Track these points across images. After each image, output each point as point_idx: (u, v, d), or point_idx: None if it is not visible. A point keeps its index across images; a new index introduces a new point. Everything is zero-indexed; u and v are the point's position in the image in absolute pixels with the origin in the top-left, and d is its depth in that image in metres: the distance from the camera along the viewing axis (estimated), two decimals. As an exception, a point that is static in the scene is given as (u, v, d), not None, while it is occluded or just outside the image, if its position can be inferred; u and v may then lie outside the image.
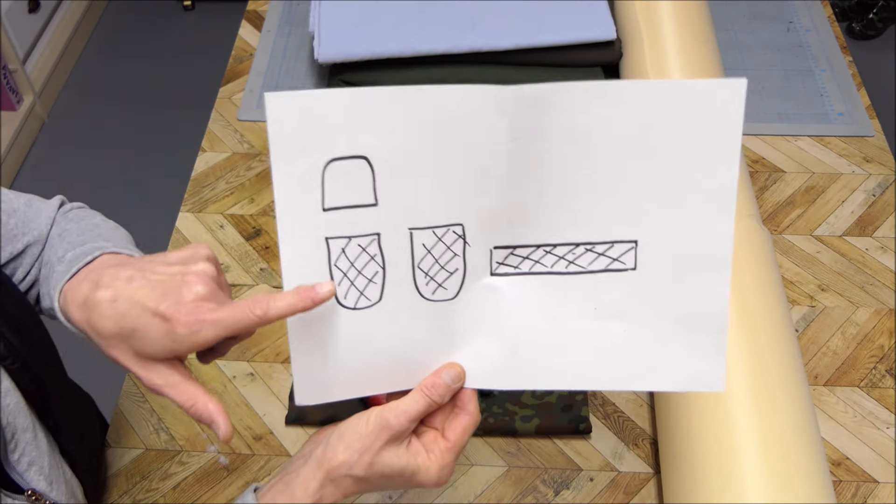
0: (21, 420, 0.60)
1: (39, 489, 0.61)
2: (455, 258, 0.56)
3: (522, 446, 0.81)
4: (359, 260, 0.56)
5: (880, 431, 0.82)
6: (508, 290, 0.57)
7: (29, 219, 0.67)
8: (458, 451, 0.57)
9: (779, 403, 0.70)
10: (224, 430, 0.54)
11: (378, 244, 0.56)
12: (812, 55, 1.18)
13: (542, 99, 0.53)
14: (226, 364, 0.88)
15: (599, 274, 0.56)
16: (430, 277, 0.57)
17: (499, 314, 0.58)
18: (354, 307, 0.56)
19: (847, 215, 1.00)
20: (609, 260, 0.56)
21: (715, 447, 0.69)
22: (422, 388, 0.56)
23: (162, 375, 0.54)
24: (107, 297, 0.54)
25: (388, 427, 0.55)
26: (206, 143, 1.09)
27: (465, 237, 0.56)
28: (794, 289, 0.93)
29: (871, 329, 0.89)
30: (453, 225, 0.56)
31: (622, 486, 0.78)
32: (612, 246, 0.56)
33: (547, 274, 0.57)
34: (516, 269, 0.57)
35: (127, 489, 0.80)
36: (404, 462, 0.55)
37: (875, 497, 0.78)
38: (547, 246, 0.56)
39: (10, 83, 2.22)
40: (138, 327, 0.53)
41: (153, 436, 0.83)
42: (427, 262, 0.56)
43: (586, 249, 0.56)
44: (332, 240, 0.55)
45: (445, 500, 0.78)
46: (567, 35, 1.06)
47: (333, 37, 1.08)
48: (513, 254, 0.57)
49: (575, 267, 0.56)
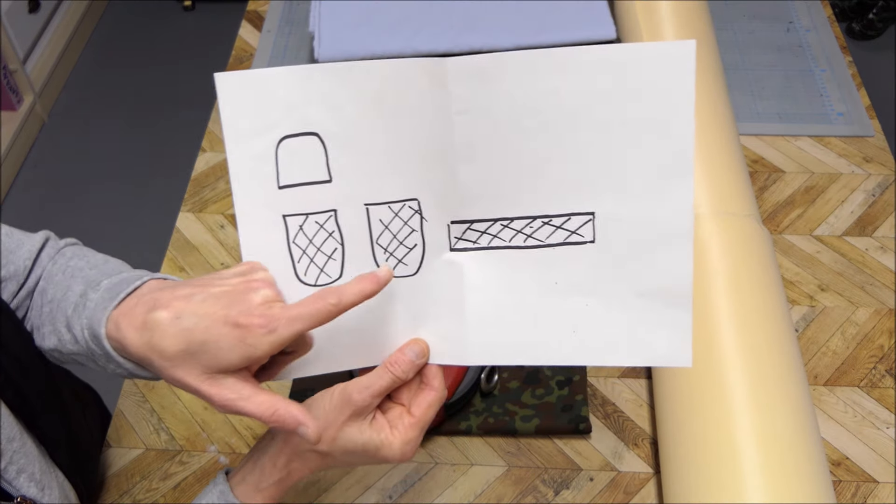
0: (7, 430, 0.60)
1: (30, 495, 0.61)
2: (413, 233, 0.57)
3: (522, 446, 0.81)
4: (317, 237, 0.56)
5: (880, 431, 0.82)
6: (469, 266, 0.57)
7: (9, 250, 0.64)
8: (422, 426, 0.57)
9: (779, 403, 0.70)
10: (314, 430, 0.52)
11: (335, 220, 0.56)
12: (812, 55, 1.18)
13: (484, 70, 0.52)
14: (226, 364, 0.88)
15: (558, 247, 0.56)
16: (389, 253, 0.57)
17: (461, 290, 0.57)
18: (315, 284, 0.56)
19: (847, 215, 1.00)
20: (567, 233, 0.55)
21: (715, 447, 0.69)
22: (386, 364, 0.56)
23: (234, 389, 0.51)
24: (169, 315, 0.51)
25: (350, 402, 0.55)
26: (206, 143, 1.09)
27: (421, 212, 0.56)
28: (794, 289, 0.93)
29: (871, 329, 0.89)
30: (408, 200, 0.56)
31: (622, 486, 0.78)
32: (569, 218, 0.55)
33: (506, 248, 0.56)
34: (475, 243, 0.57)
35: (127, 489, 0.80)
36: (367, 437, 0.55)
37: (875, 497, 0.78)
38: (504, 220, 0.56)
39: (10, 83, 2.22)
40: (208, 339, 0.50)
41: (153, 436, 0.83)
42: (385, 237, 0.57)
43: (543, 223, 0.55)
44: (289, 217, 0.55)
45: (445, 500, 0.78)
46: (567, 35, 1.06)
47: (333, 37, 1.08)
48: (470, 228, 0.56)
49: (533, 241, 0.56)
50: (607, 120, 0.53)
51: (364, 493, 0.79)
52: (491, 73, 0.52)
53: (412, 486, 0.79)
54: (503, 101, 0.53)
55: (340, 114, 0.54)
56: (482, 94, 0.53)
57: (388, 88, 0.54)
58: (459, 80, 0.53)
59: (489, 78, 0.53)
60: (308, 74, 0.54)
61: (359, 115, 0.54)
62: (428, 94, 0.54)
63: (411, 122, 0.54)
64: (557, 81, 0.52)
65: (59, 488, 0.65)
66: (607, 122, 0.53)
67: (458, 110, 0.54)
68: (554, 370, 0.85)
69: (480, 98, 0.53)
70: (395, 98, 0.54)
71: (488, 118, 0.54)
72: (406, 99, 0.54)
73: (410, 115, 0.54)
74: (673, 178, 0.53)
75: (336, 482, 0.79)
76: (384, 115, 0.54)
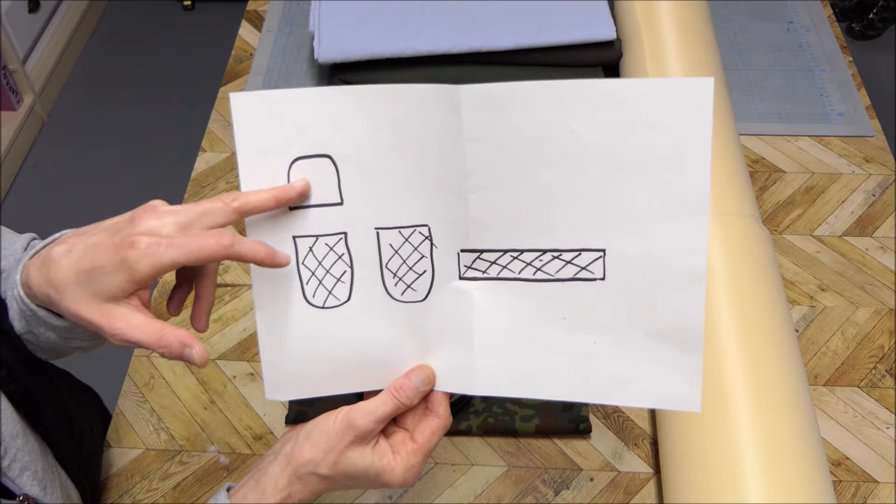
0: (9, 427, 0.60)
1: (32, 494, 0.61)
2: (423, 259, 0.56)
3: (522, 446, 0.81)
4: (326, 259, 0.56)
5: (880, 431, 0.82)
6: (478, 295, 0.57)
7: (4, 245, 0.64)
8: (426, 453, 0.56)
9: (779, 403, 0.70)
10: (199, 352, 0.51)
11: (345, 243, 0.56)
12: (812, 55, 1.18)
13: (498, 99, 0.52)
14: (226, 364, 0.88)
15: (568, 282, 0.55)
16: (398, 278, 0.57)
17: (469, 319, 0.57)
18: (323, 306, 0.56)
19: (847, 215, 1.00)
20: (577, 268, 0.55)
21: (715, 447, 0.69)
22: (390, 390, 0.56)
23: (124, 318, 0.51)
24: (62, 249, 0.52)
25: (353, 427, 0.55)
26: (206, 143, 1.09)
27: (431, 238, 0.56)
28: (794, 289, 0.93)
29: (871, 329, 0.89)
30: (419, 226, 0.56)
31: (622, 486, 0.78)
32: (580, 254, 0.54)
33: (515, 280, 0.56)
34: (484, 273, 0.56)
35: (127, 489, 0.80)
36: (369, 462, 0.55)
37: (875, 497, 0.78)
38: (514, 251, 0.55)
39: (10, 83, 2.22)
40: (94, 265, 0.51)
41: (153, 436, 0.83)
42: (395, 262, 0.56)
43: (553, 257, 0.55)
44: (299, 238, 0.55)
45: (445, 500, 0.78)
46: (567, 35, 1.06)
47: (333, 37, 1.08)
48: (480, 258, 0.56)
49: (542, 274, 0.55)
50: (621, 155, 0.51)
51: (364, 493, 0.79)
52: (504, 102, 0.52)
53: (412, 486, 0.79)
54: (515, 131, 0.52)
55: (353, 136, 0.54)
56: (494, 123, 0.52)
57: (402, 112, 0.53)
58: (472, 107, 0.52)
59: (502, 107, 0.52)
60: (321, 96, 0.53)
61: (371, 139, 0.54)
62: (441, 120, 0.53)
63: (424, 146, 0.54)
64: (570, 113, 0.51)
65: (61, 487, 0.65)
66: (621, 158, 0.52)
67: (471, 138, 0.53)
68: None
69: (493, 126, 0.53)
70: (407, 122, 0.53)
71: (500, 147, 0.53)
72: (419, 124, 0.53)
73: (423, 140, 0.54)
74: (687, 216, 0.51)
75: (336, 482, 0.79)
76: (397, 139, 0.54)
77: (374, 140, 0.54)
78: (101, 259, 0.51)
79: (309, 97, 0.53)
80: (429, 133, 0.53)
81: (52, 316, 0.56)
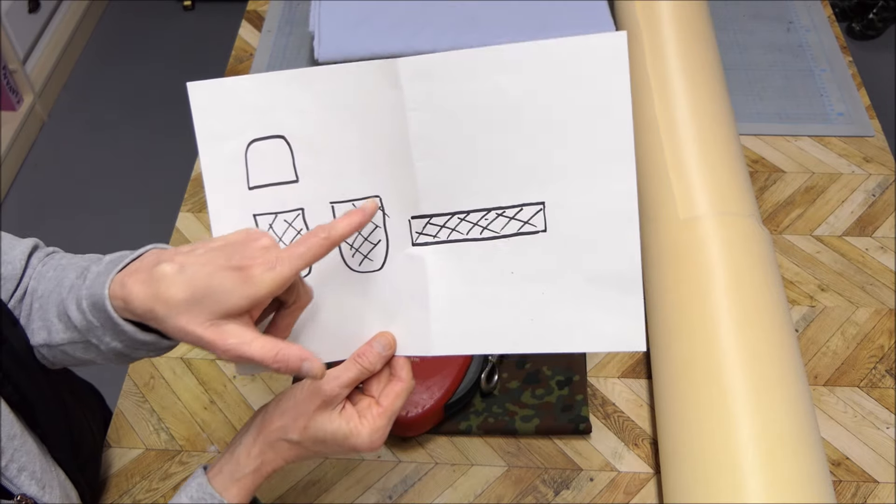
0: (7, 428, 0.60)
1: (31, 494, 0.61)
2: (377, 229, 0.59)
3: (522, 446, 0.81)
4: (286, 235, 0.59)
5: (880, 431, 0.82)
6: (431, 260, 0.59)
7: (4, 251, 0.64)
8: (390, 415, 0.58)
9: (779, 403, 0.70)
10: (319, 366, 0.54)
11: (303, 219, 0.59)
12: (812, 55, 1.18)
13: (432, 69, 0.55)
14: (226, 364, 0.88)
15: (513, 238, 0.58)
16: (355, 249, 0.59)
17: (424, 283, 0.59)
18: None
19: (847, 215, 1.00)
20: (520, 223, 0.57)
21: (715, 447, 0.69)
22: (354, 357, 0.59)
23: (236, 335, 0.52)
24: (173, 267, 0.52)
25: (320, 392, 0.57)
26: (206, 143, 1.09)
27: (383, 208, 0.59)
28: (794, 289, 0.93)
29: (871, 329, 0.89)
30: (371, 197, 0.58)
31: (622, 486, 0.78)
32: (522, 209, 0.57)
33: (464, 241, 0.59)
34: (435, 237, 0.59)
35: (127, 489, 0.80)
36: (336, 426, 0.57)
37: (875, 497, 0.78)
38: (460, 213, 0.58)
39: (10, 83, 2.22)
40: (212, 284, 0.51)
41: (153, 436, 0.83)
42: None
43: (497, 214, 0.58)
44: (259, 216, 0.58)
45: (445, 500, 0.78)
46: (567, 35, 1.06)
47: (333, 37, 1.08)
48: (430, 223, 0.59)
49: (489, 232, 0.58)
50: (549, 111, 0.55)
51: (364, 493, 0.79)
52: (439, 72, 0.55)
53: (412, 486, 0.79)
54: (452, 99, 0.56)
55: (304, 117, 0.57)
56: (432, 92, 0.56)
57: (347, 90, 0.56)
58: (411, 79, 0.55)
59: (437, 76, 0.55)
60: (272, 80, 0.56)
61: (321, 117, 0.57)
62: (384, 94, 0.56)
63: (370, 121, 0.57)
64: (500, 77, 0.54)
65: (59, 487, 0.65)
66: (549, 114, 0.55)
67: (412, 108, 0.56)
68: (554, 370, 0.85)
69: (431, 95, 0.56)
70: (353, 99, 0.56)
71: (439, 115, 0.56)
72: (364, 99, 0.56)
73: (369, 114, 0.57)
74: (615, 162, 0.55)
75: (336, 482, 0.79)
76: (344, 115, 0.57)
77: (323, 119, 0.57)
78: (220, 278, 0.52)
79: (262, 81, 0.56)
80: (373, 107, 0.56)
81: (139, 331, 0.56)
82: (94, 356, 0.60)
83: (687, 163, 0.89)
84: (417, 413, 0.79)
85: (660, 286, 0.83)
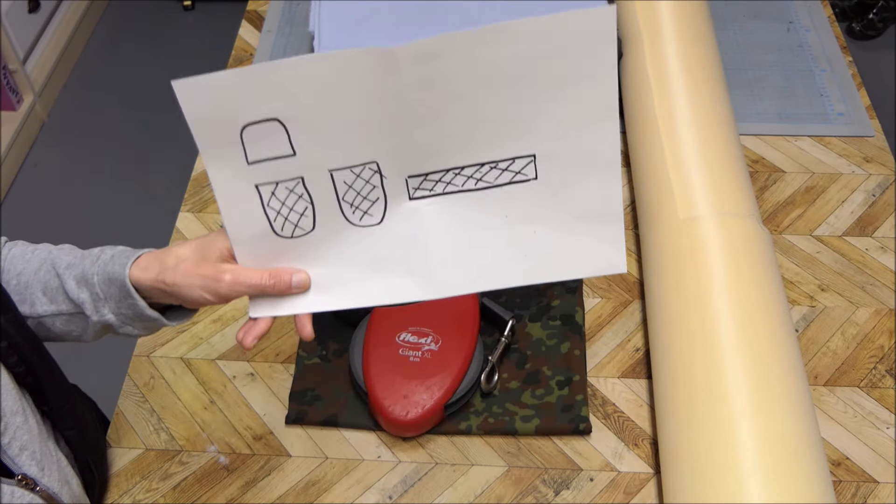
0: (10, 403, 0.61)
1: (31, 474, 0.62)
2: (375, 189, 0.63)
3: (522, 446, 0.81)
4: (289, 199, 0.62)
5: (880, 431, 0.82)
6: (428, 211, 0.64)
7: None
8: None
9: (779, 403, 0.70)
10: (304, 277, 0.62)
11: (303, 185, 0.62)
12: (812, 55, 1.18)
13: (434, 50, 0.58)
14: (226, 364, 0.88)
15: (506, 186, 0.63)
16: (355, 207, 0.63)
17: (422, 232, 0.64)
18: (291, 236, 0.63)
19: (847, 215, 1.00)
20: (512, 174, 0.63)
21: (715, 447, 0.69)
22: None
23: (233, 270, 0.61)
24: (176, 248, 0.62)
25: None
26: (206, 143, 1.09)
27: (381, 171, 0.62)
28: (794, 289, 0.93)
29: (871, 329, 0.89)
30: (368, 163, 0.62)
31: (622, 486, 0.78)
32: (514, 161, 0.62)
33: (459, 192, 0.63)
34: (431, 191, 0.63)
35: (127, 489, 0.80)
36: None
37: (875, 497, 0.78)
38: (456, 168, 0.63)
39: (10, 83, 2.22)
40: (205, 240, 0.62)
41: (153, 436, 0.83)
42: (350, 195, 0.63)
43: (491, 167, 0.63)
44: (261, 186, 0.61)
45: (445, 500, 0.78)
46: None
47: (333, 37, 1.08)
48: (426, 179, 0.63)
49: (483, 183, 0.63)
50: (543, 76, 0.59)
51: (364, 493, 0.79)
52: (438, 52, 0.58)
53: (412, 486, 0.79)
54: (451, 73, 0.59)
55: (297, 101, 0.58)
56: (432, 70, 0.58)
57: (342, 76, 0.57)
58: (409, 62, 0.58)
59: (437, 55, 0.58)
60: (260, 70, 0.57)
61: (315, 101, 0.58)
62: (381, 77, 0.58)
63: (367, 103, 0.59)
64: (497, 50, 0.58)
65: (58, 472, 0.66)
66: (543, 78, 0.59)
67: (411, 87, 0.58)
68: (554, 370, 0.85)
69: (431, 74, 0.58)
70: (349, 84, 0.58)
71: (439, 89, 0.59)
72: (360, 84, 0.58)
73: (365, 97, 0.58)
74: (601, 118, 0.60)
75: (336, 482, 0.79)
76: (339, 98, 0.58)
77: (317, 102, 0.58)
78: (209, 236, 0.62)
79: (250, 72, 0.57)
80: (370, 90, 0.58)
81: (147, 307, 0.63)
82: (73, 328, 0.66)
83: (687, 163, 0.89)
84: (417, 413, 0.79)
85: (660, 286, 0.83)
